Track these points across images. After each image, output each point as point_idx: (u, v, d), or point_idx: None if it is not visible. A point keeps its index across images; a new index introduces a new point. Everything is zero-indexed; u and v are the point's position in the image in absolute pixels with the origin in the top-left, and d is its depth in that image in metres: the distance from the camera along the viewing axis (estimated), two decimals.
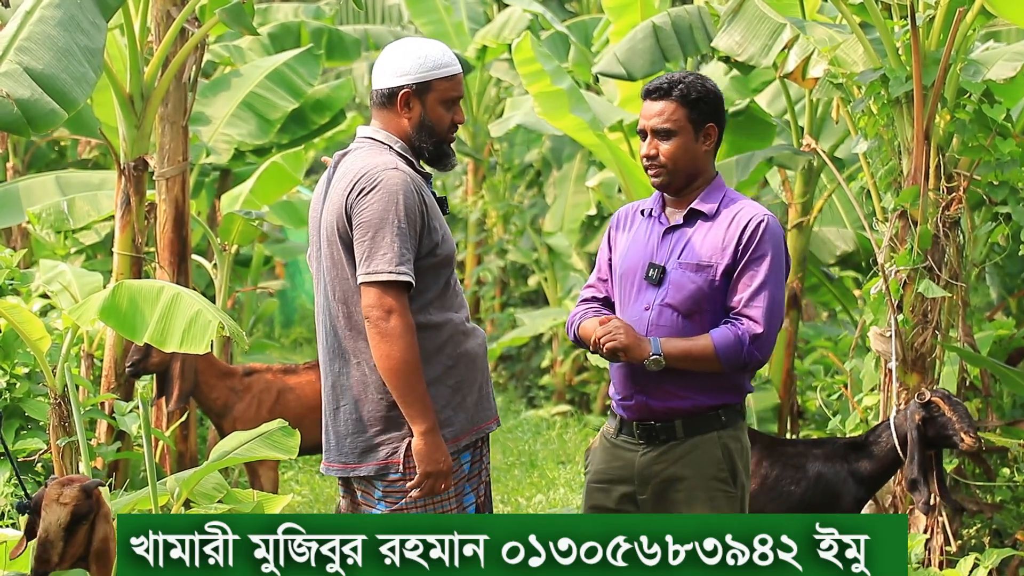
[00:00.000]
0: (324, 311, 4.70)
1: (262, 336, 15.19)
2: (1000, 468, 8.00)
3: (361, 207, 4.51)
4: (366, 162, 4.59)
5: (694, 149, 4.82)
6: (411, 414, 4.51)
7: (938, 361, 6.73)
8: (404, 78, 4.68)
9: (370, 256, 4.47)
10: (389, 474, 4.58)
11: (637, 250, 4.90)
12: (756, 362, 4.74)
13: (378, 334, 4.47)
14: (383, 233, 4.47)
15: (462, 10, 14.44)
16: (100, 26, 6.21)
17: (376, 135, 4.72)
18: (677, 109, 4.79)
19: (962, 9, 6.33)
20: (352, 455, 4.63)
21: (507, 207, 14.94)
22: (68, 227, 8.94)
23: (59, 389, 6.46)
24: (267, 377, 7.75)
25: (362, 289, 4.50)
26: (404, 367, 4.47)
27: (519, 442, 11.53)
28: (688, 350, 4.71)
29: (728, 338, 4.69)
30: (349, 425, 4.63)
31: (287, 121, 10.53)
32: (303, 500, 9.15)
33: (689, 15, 8.56)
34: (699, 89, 4.81)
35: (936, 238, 6.56)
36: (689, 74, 4.85)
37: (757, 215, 4.78)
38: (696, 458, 4.80)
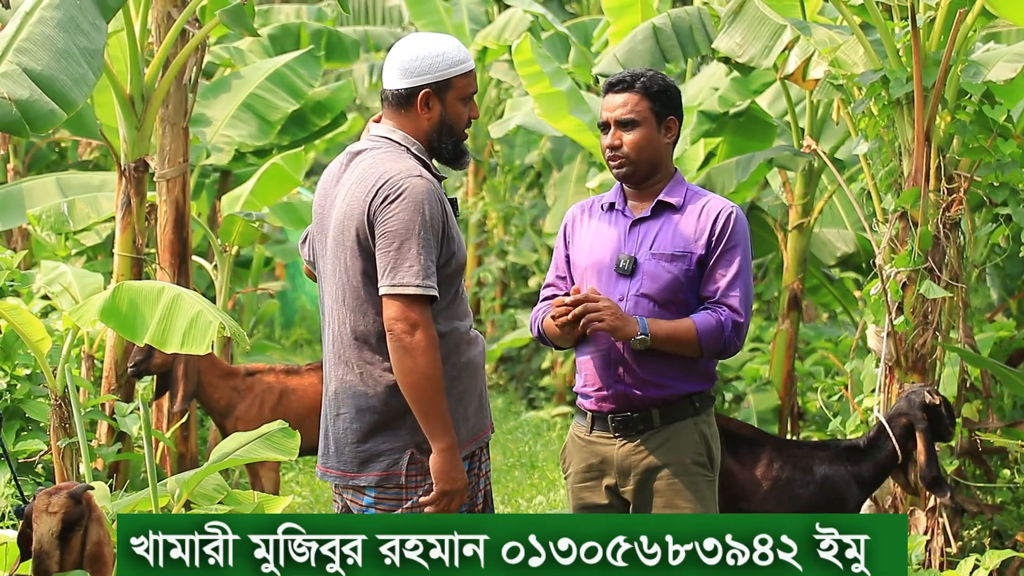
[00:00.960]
0: (331, 314, 4.59)
1: (262, 337, 15.18)
2: (1000, 469, 8.00)
3: (386, 216, 4.38)
4: (388, 167, 4.45)
5: (656, 140, 4.93)
6: (431, 430, 4.42)
7: (938, 362, 6.74)
8: (424, 77, 4.54)
9: (395, 268, 4.35)
10: (387, 484, 4.51)
11: (603, 243, 4.97)
12: (734, 348, 4.86)
13: (402, 348, 4.36)
14: (409, 244, 4.36)
15: (463, 11, 14.44)
16: (100, 27, 6.21)
17: (392, 135, 4.57)
18: (640, 101, 4.91)
19: (963, 10, 6.33)
20: (352, 464, 4.55)
21: (507, 208, 14.95)
22: (69, 228, 8.94)
23: (60, 390, 6.46)
24: (269, 378, 7.75)
25: (385, 301, 4.38)
26: (427, 383, 4.38)
27: (519, 443, 11.53)
28: (673, 332, 4.80)
29: (710, 323, 4.80)
30: (350, 434, 4.54)
31: (287, 123, 10.53)
32: (304, 501, 9.15)
33: (689, 16, 8.56)
34: (660, 83, 4.95)
35: (936, 239, 6.56)
36: (650, 69, 5.00)
37: (726, 207, 4.91)
38: (674, 445, 4.90)
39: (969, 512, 7.44)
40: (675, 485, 4.88)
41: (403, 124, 4.60)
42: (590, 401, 4.98)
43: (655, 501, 4.89)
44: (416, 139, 4.59)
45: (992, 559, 5.92)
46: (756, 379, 9.64)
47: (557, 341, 5.03)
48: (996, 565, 6.02)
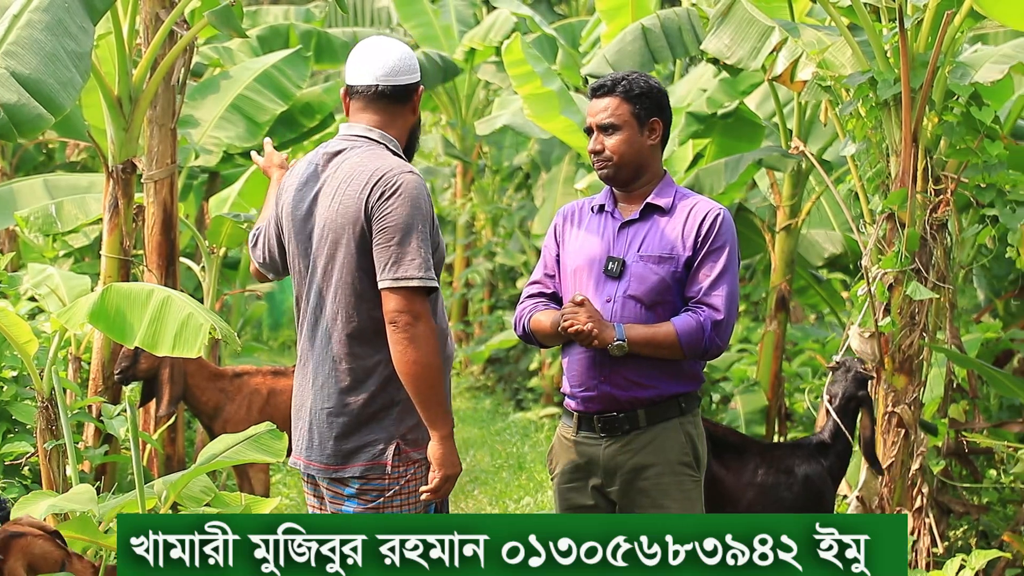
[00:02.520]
0: (317, 311, 4.63)
1: (250, 339, 15.19)
2: (987, 470, 8.03)
3: (383, 211, 4.46)
4: (379, 163, 4.53)
5: (639, 143, 4.97)
6: (432, 418, 4.51)
7: (925, 363, 6.75)
8: (415, 75, 4.68)
9: (398, 262, 4.43)
10: (371, 475, 4.55)
11: (591, 245, 5.01)
12: (716, 349, 4.87)
13: (407, 339, 4.44)
14: (410, 238, 4.45)
15: (451, 13, 14.45)
16: (88, 30, 6.20)
17: (370, 134, 4.64)
18: (621, 104, 4.96)
19: (950, 12, 6.34)
20: (337, 456, 4.59)
21: (496, 210, 14.96)
22: (56, 230, 8.92)
23: (46, 392, 6.44)
24: (256, 379, 7.75)
25: (386, 294, 4.45)
26: (430, 372, 4.46)
27: (507, 444, 11.54)
28: (651, 336, 4.83)
29: (690, 325, 4.82)
30: (336, 427, 4.58)
31: (276, 124, 10.53)
32: (291, 503, 9.15)
33: (678, 17, 8.57)
34: (642, 85, 4.98)
35: (924, 240, 6.57)
36: (633, 72, 5.04)
37: (713, 209, 4.94)
38: (660, 445, 4.92)
39: (955, 512, 7.46)
40: (661, 485, 4.90)
41: (385, 121, 4.67)
42: (576, 402, 5.00)
43: (641, 501, 4.91)
44: (397, 135, 4.68)
45: (978, 559, 5.94)
46: (744, 380, 9.66)
47: (543, 340, 5.06)
48: (982, 565, 6.04)
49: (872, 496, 6.68)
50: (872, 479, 6.63)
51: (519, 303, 5.14)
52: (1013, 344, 8.09)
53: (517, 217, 14.59)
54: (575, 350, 4.96)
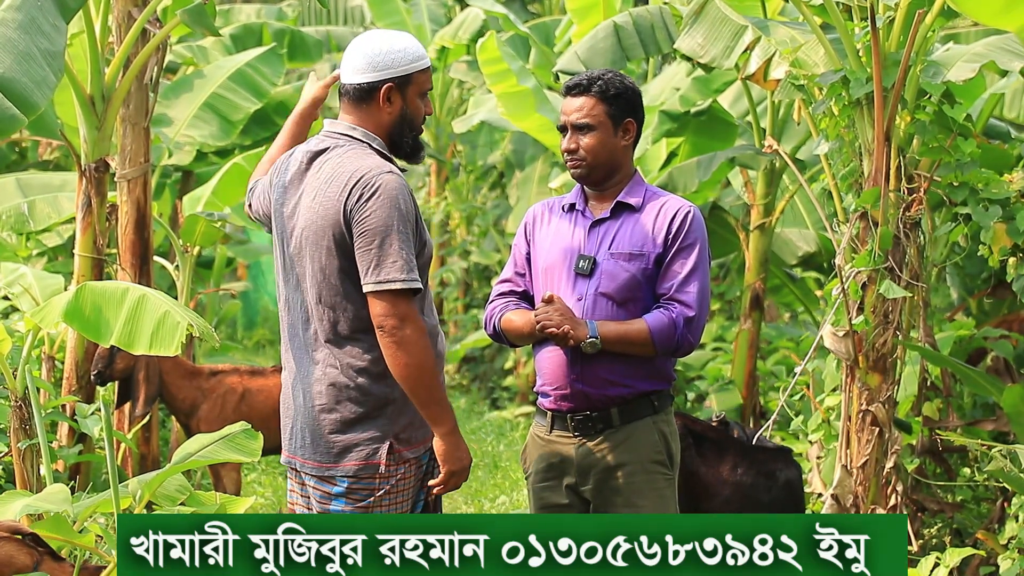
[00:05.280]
0: (303, 311, 4.64)
1: (225, 338, 15.15)
2: (961, 468, 8.05)
3: (363, 214, 4.45)
4: (358, 164, 4.52)
5: (613, 143, 4.98)
6: (432, 417, 4.53)
7: (899, 361, 6.77)
8: (386, 72, 4.61)
9: (379, 265, 4.43)
10: (363, 473, 4.56)
11: (562, 244, 5.02)
12: (688, 345, 4.89)
13: (395, 343, 4.44)
14: (390, 240, 4.43)
15: (423, 11, 14.45)
16: (60, 28, 6.17)
17: (353, 132, 4.64)
18: (596, 104, 4.96)
19: (922, 11, 6.36)
20: (329, 455, 4.59)
21: (470, 209, 14.95)
22: (29, 229, 8.89)
23: (20, 392, 6.42)
24: (233, 378, 7.73)
25: (371, 298, 4.45)
26: (423, 373, 4.47)
27: (482, 443, 11.53)
28: (624, 333, 4.85)
29: (662, 321, 4.84)
30: (328, 425, 4.58)
31: (249, 122, 10.50)
32: (266, 502, 9.13)
33: (651, 15, 8.57)
34: (618, 86, 4.98)
35: (897, 239, 6.59)
36: (608, 71, 5.03)
37: (684, 206, 4.97)
38: (633, 443, 4.93)
39: (930, 510, 7.48)
40: (634, 484, 4.92)
41: (363, 119, 4.66)
42: (549, 400, 5.01)
43: (615, 500, 4.92)
44: (376, 134, 4.66)
45: (952, 557, 5.97)
46: (718, 379, 9.68)
47: (514, 340, 5.06)
48: (956, 563, 6.07)
49: (846, 495, 6.70)
50: (847, 477, 6.65)
51: (489, 302, 5.15)
52: (986, 342, 8.11)
53: (491, 216, 14.59)
54: (547, 349, 4.97)
